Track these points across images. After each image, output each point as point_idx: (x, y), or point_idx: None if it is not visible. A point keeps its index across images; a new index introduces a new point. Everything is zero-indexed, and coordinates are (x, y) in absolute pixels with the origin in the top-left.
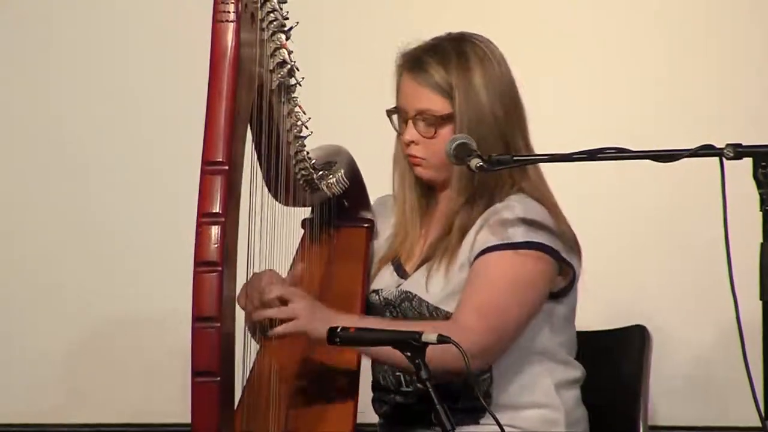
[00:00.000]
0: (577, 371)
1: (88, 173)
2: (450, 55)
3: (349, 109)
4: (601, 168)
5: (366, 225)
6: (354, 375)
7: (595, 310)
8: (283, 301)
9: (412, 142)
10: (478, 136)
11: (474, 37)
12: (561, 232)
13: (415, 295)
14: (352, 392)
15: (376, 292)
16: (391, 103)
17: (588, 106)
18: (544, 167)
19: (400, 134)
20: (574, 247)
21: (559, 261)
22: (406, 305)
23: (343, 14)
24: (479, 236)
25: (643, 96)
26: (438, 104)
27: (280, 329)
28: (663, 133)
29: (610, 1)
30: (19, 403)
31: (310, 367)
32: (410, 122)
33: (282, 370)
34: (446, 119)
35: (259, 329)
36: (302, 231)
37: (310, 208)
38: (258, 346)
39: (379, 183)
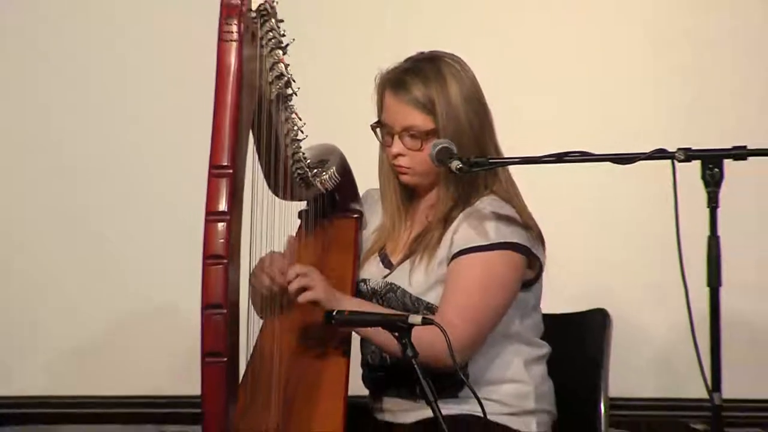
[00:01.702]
0: (543, 349)
1: (113, 180)
2: (428, 74)
3: (340, 114)
4: (568, 170)
5: (356, 216)
6: (345, 353)
7: (562, 295)
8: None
9: (400, 154)
10: (458, 143)
11: (446, 55)
12: (528, 229)
13: (399, 286)
14: (344, 368)
15: (364, 281)
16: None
17: (559, 112)
18: (518, 167)
19: (385, 146)
20: (540, 241)
21: (528, 255)
22: (390, 296)
23: (333, 32)
24: (456, 236)
25: (609, 104)
26: (421, 120)
27: (300, 297)
28: (627, 137)
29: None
30: (50, 377)
31: (307, 348)
32: (396, 137)
33: (281, 350)
34: (430, 133)
35: (265, 305)
36: (298, 221)
37: (305, 202)
38: (259, 330)
39: (367, 176)
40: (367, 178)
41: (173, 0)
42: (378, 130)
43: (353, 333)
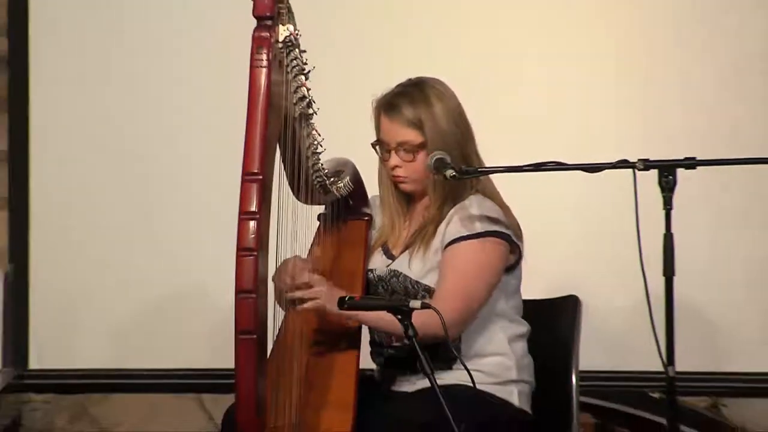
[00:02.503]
0: (524, 327)
1: (167, 179)
2: (415, 96)
3: (352, 132)
4: (546, 176)
5: (366, 218)
6: (356, 334)
7: (539, 283)
8: (309, 285)
9: (397, 166)
10: (445, 153)
11: (430, 79)
12: (509, 222)
13: (401, 272)
14: (355, 346)
15: (371, 271)
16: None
17: (539, 124)
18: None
19: (383, 160)
20: (519, 233)
21: (510, 242)
22: (393, 281)
23: (345, 63)
24: (448, 228)
25: (583, 117)
26: (413, 136)
27: (305, 306)
28: (603, 148)
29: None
30: (104, 351)
31: (324, 329)
32: (393, 152)
33: (302, 331)
34: (420, 146)
35: (287, 302)
36: (317, 223)
37: (323, 206)
38: (284, 313)
39: (374, 184)
40: (373, 186)
41: (212, 34)
42: (377, 147)
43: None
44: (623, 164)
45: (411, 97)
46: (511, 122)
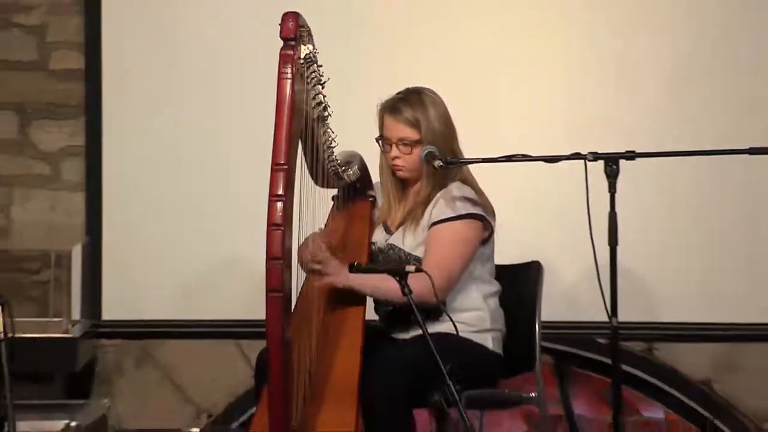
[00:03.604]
0: (496, 287)
1: (211, 171)
2: (413, 101)
3: (359, 130)
4: (515, 165)
5: (371, 199)
6: (363, 297)
7: (508, 251)
8: (324, 262)
9: (396, 157)
10: (436, 147)
11: (425, 89)
12: (484, 204)
13: (397, 245)
14: (362, 302)
15: (373, 243)
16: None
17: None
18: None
19: (385, 152)
20: (492, 213)
21: (484, 221)
22: (391, 252)
23: (354, 75)
24: (434, 210)
25: (546, 112)
26: (411, 133)
27: (318, 283)
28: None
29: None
30: (161, 305)
31: (336, 294)
32: (394, 146)
33: (319, 291)
34: (417, 142)
35: (307, 269)
36: (332, 203)
37: (336, 189)
38: (305, 276)
39: (376, 172)
40: (375, 174)
41: (248, 53)
42: (380, 141)
43: None
44: (576, 156)
45: (410, 102)
46: (488, 121)
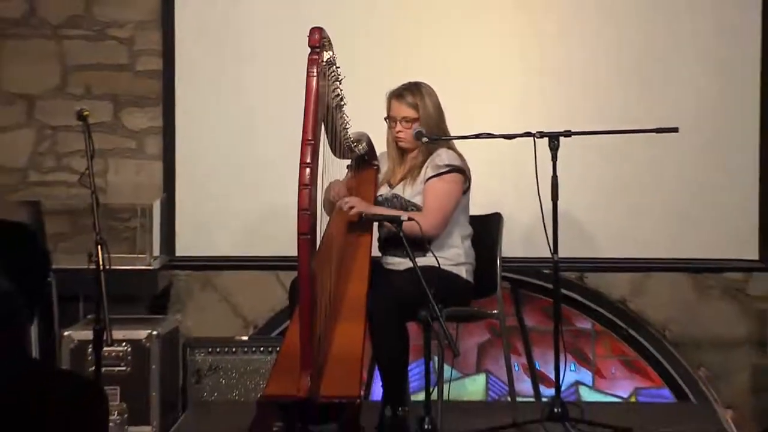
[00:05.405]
0: (470, 230)
1: (260, 143)
2: (414, 90)
3: (368, 114)
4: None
5: (375, 167)
6: (369, 230)
7: (478, 204)
8: (349, 198)
9: (400, 131)
10: (428, 126)
11: (422, 83)
12: (464, 165)
13: (399, 195)
14: (369, 243)
15: (380, 195)
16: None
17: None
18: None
19: (391, 128)
20: (469, 171)
21: (464, 175)
22: (394, 200)
23: (365, 71)
24: (427, 169)
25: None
26: (411, 113)
27: (350, 212)
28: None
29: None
30: (220, 244)
31: (349, 232)
32: (398, 122)
33: (337, 232)
34: (415, 120)
35: (330, 208)
36: (346, 170)
37: (350, 160)
38: (326, 221)
39: (379, 146)
40: (379, 147)
41: (286, 59)
42: (388, 120)
43: (374, 224)
44: (527, 134)
45: (412, 90)
46: (464, 108)
